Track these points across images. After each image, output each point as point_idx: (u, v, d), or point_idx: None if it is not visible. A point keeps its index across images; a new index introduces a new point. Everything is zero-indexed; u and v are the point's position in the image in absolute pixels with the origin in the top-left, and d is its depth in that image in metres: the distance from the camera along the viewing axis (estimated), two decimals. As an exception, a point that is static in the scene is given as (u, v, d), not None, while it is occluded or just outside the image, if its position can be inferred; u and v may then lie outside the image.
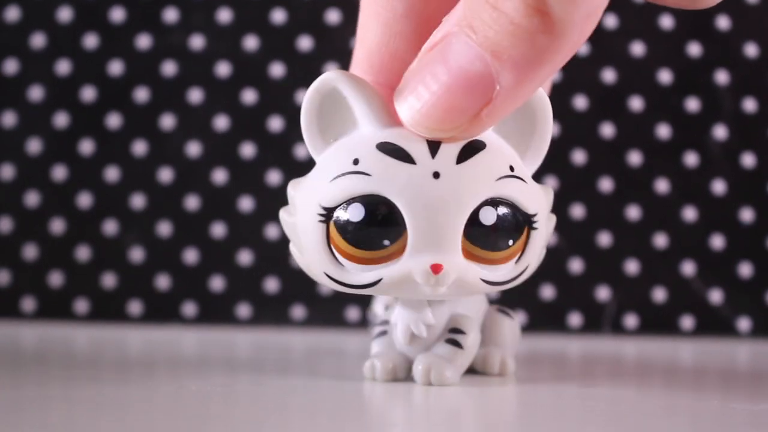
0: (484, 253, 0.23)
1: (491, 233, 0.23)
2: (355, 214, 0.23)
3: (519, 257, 0.24)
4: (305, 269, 0.25)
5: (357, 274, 0.23)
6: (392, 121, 0.23)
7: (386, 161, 0.23)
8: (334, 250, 0.23)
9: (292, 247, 0.25)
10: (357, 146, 0.24)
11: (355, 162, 0.23)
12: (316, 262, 0.24)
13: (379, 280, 0.23)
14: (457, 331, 0.25)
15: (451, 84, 0.22)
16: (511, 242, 0.23)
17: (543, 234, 0.24)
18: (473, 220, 0.23)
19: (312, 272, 0.24)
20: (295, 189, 0.24)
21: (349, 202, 0.23)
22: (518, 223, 0.23)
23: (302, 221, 0.24)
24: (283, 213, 0.25)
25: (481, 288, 0.24)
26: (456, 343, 0.25)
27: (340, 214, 0.23)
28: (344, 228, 0.23)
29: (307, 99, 0.24)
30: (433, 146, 0.23)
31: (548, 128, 0.24)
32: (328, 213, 0.23)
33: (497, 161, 0.23)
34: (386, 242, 0.23)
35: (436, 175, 0.23)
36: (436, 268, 0.23)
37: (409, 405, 0.23)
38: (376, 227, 0.23)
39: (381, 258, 0.23)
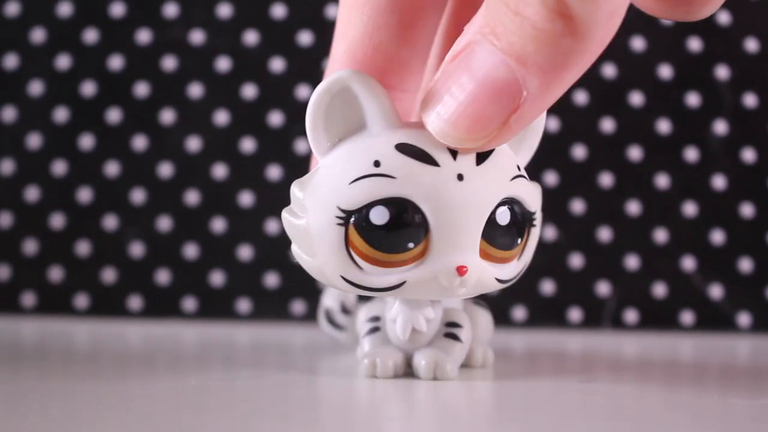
0: (497, 252, 0.24)
1: (504, 233, 0.23)
2: (379, 217, 0.23)
3: (520, 254, 0.24)
4: (314, 272, 0.24)
5: (377, 276, 0.23)
6: (402, 121, 0.23)
7: (409, 163, 0.23)
8: (352, 253, 0.23)
9: (295, 249, 0.24)
10: (374, 147, 0.23)
11: (376, 164, 0.23)
12: (332, 264, 0.23)
13: (403, 283, 0.23)
14: (453, 324, 0.25)
15: (478, 92, 0.22)
16: (519, 240, 0.24)
17: (539, 231, 0.25)
18: (491, 221, 0.23)
19: (325, 275, 0.24)
20: (303, 190, 0.24)
21: (371, 204, 0.23)
22: (524, 221, 0.24)
23: (316, 224, 0.23)
24: (286, 214, 0.24)
25: (495, 287, 0.24)
26: (455, 337, 0.25)
27: (362, 217, 0.23)
28: (366, 231, 0.23)
29: (315, 98, 0.24)
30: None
31: (539, 125, 0.24)
32: (347, 216, 0.23)
33: (508, 161, 0.24)
34: (410, 245, 0.23)
35: (460, 177, 0.23)
36: (461, 270, 0.23)
37: (409, 400, 0.23)
38: (401, 230, 0.23)
39: (403, 261, 0.23)
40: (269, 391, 0.23)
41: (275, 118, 0.42)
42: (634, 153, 0.42)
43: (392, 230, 0.23)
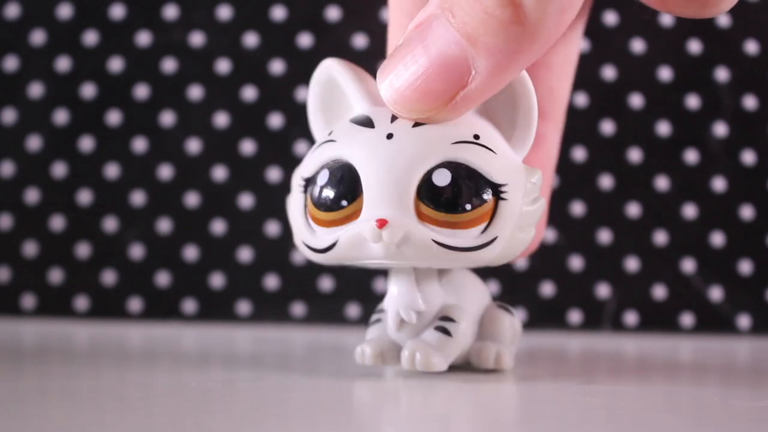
0: (437, 214, 0.23)
1: (444, 195, 0.23)
2: (321, 178, 0.24)
3: (486, 227, 0.24)
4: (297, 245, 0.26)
5: (321, 237, 0.24)
6: (382, 102, 0.24)
7: (351, 128, 0.24)
8: (308, 217, 0.25)
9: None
10: (339, 122, 0.25)
11: (330, 134, 0.25)
12: (297, 231, 0.25)
13: (336, 242, 0.24)
14: (447, 319, 0.25)
15: (429, 66, 0.22)
16: (469, 206, 0.23)
17: (517, 207, 0.24)
18: (428, 181, 0.23)
19: (297, 244, 0.25)
20: (295, 173, 0.26)
21: (320, 169, 0.24)
22: (479, 189, 0.23)
23: (292, 196, 0.25)
24: (288, 198, 0.26)
25: (437, 251, 0.23)
26: (445, 331, 0.25)
27: (313, 182, 0.24)
28: (313, 193, 0.24)
29: (310, 90, 0.26)
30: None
31: (531, 109, 0.24)
32: (306, 183, 0.25)
33: (459, 128, 0.24)
34: (344, 203, 0.24)
35: (389, 136, 0.23)
36: (381, 223, 0.23)
37: (409, 402, 0.23)
38: (335, 188, 0.24)
39: (341, 219, 0.24)
40: (269, 393, 0.23)
41: (275, 120, 0.42)
42: (634, 155, 0.42)
43: (328, 189, 0.24)
